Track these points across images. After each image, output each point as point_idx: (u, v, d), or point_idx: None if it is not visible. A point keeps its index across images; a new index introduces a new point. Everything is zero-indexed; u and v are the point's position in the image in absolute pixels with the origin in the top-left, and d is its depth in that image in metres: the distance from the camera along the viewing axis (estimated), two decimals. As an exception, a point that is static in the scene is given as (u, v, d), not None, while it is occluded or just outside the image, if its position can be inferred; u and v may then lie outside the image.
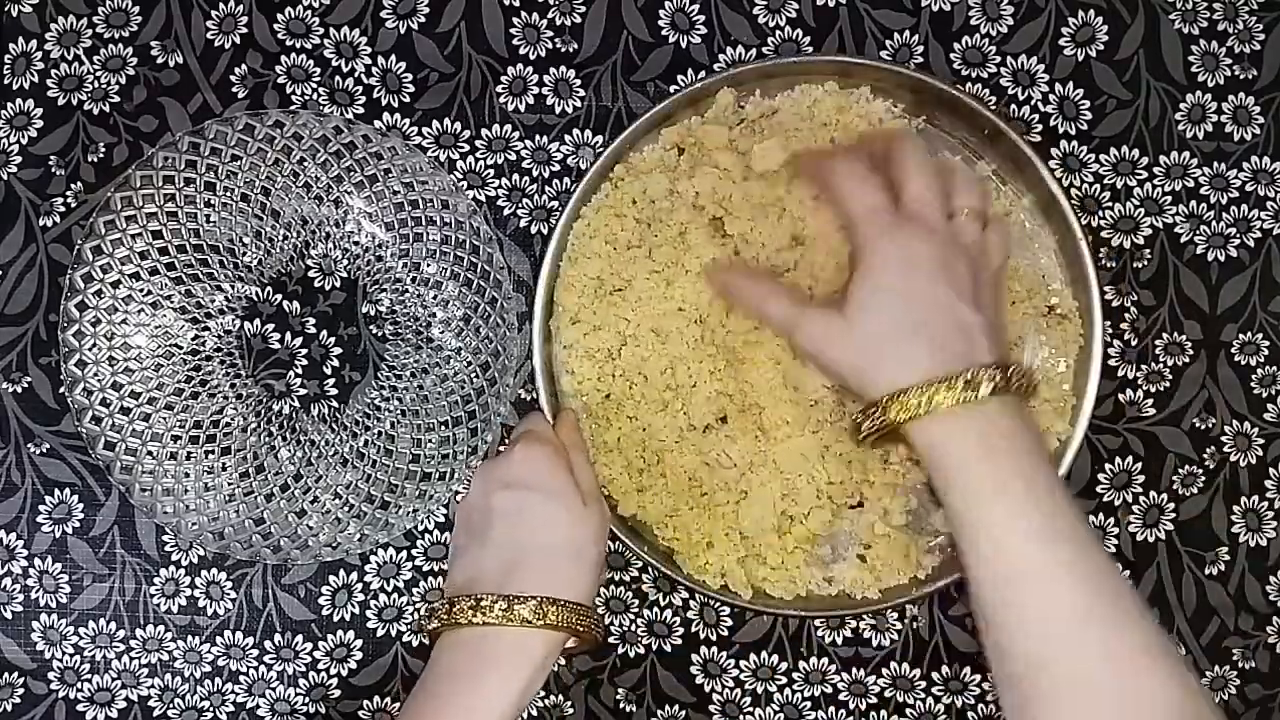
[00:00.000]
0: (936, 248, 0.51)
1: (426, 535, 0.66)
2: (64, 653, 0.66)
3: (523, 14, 0.65)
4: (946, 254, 0.51)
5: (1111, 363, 0.66)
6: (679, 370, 0.60)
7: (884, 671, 0.67)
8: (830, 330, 0.52)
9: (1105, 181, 0.66)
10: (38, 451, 0.65)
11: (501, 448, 0.65)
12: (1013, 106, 0.66)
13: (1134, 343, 0.66)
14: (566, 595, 0.52)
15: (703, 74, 0.65)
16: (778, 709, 0.67)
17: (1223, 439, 0.66)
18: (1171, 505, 0.66)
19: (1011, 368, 0.50)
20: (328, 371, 0.66)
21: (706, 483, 0.61)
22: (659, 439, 0.61)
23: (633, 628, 0.66)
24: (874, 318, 0.51)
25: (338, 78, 0.65)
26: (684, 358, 0.60)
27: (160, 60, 0.65)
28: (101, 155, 0.65)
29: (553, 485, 0.54)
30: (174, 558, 0.66)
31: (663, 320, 0.61)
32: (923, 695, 0.67)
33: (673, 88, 0.65)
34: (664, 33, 0.65)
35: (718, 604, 0.66)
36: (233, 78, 0.65)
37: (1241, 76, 0.66)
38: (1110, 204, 0.66)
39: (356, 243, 0.65)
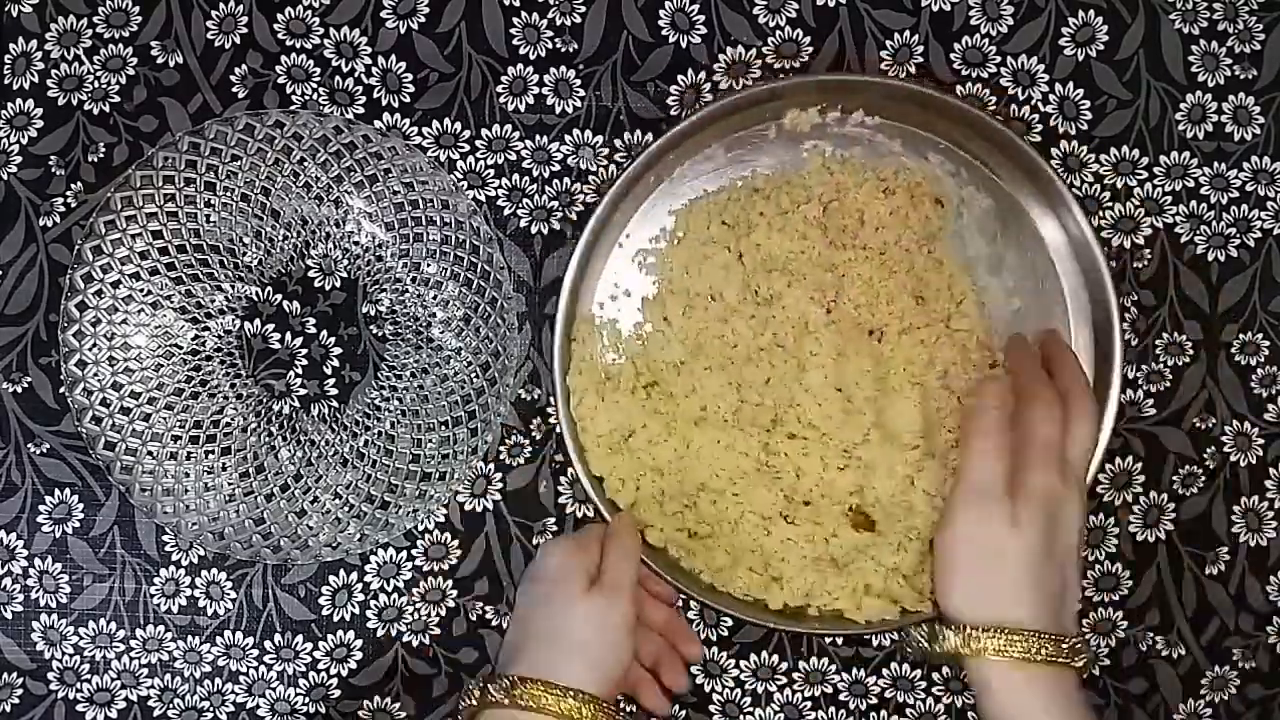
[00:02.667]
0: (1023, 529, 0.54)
1: (426, 535, 0.66)
2: (64, 653, 0.66)
3: (523, 14, 0.65)
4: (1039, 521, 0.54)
5: (1112, 363, 0.66)
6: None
7: (884, 671, 0.67)
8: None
9: (1105, 181, 0.66)
10: (38, 451, 0.65)
11: (502, 447, 0.65)
12: (1013, 106, 0.66)
13: (1134, 343, 0.66)
14: (546, 676, 0.53)
15: (710, 77, 0.65)
16: (778, 709, 0.67)
17: (1223, 439, 0.66)
18: (1171, 505, 0.66)
19: (1074, 640, 0.53)
20: (328, 371, 0.66)
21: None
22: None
23: (633, 628, 0.66)
24: (958, 547, 0.55)
25: (338, 78, 0.65)
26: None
27: (160, 60, 0.65)
28: (101, 155, 0.65)
29: (553, 576, 0.57)
30: (174, 558, 0.66)
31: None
32: (923, 695, 0.67)
33: (673, 88, 0.65)
34: (664, 33, 0.65)
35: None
36: (233, 78, 0.65)
37: (1241, 76, 0.66)
38: (1110, 204, 0.66)
39: (356, 243, 0.65)
